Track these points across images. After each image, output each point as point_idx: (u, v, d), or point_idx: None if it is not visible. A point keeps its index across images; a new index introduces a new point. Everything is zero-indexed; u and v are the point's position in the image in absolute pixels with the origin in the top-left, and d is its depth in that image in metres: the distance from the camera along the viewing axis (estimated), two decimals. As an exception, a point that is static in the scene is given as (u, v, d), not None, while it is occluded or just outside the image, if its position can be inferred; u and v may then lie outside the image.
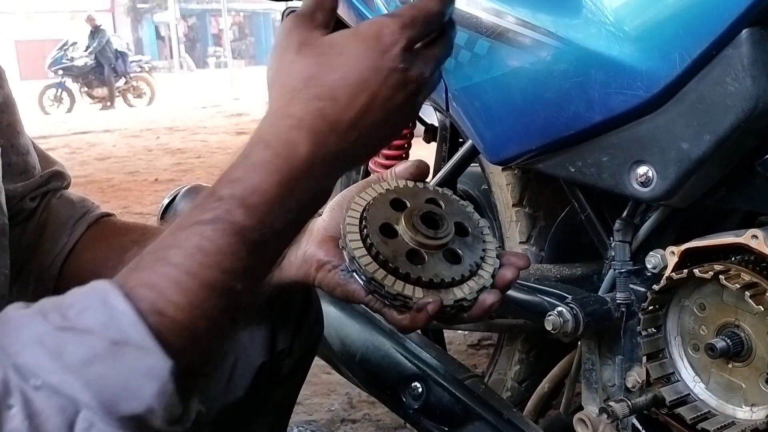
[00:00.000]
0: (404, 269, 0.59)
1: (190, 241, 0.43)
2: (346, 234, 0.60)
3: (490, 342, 1.93)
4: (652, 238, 0.83)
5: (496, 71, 0.83)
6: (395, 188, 0.65)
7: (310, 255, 0.65)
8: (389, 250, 0.59)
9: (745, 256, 0.73)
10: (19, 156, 0.71)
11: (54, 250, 0.71)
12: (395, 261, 0.59)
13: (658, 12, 0.68)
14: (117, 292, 0.41)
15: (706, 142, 0.66)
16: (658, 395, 0.79)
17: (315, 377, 1.75)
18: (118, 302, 0.40)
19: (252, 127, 4.85)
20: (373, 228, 0.60)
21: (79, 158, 5.77)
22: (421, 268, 0.60)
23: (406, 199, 0.64)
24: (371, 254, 0.59)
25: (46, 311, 0.41)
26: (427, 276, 0.59)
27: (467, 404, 0.91)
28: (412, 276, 0.59)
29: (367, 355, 0.99)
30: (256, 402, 0.78)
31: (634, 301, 0.84)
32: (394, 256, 0.59)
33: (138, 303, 0.40)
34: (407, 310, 0.60)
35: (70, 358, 0.38)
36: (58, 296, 0.43)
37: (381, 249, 0.59)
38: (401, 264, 0.59)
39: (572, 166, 0.80)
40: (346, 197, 0.67)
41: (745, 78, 0.63)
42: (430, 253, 0.61)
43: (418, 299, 0.59)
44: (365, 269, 0.58)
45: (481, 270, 0.62)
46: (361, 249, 0.59)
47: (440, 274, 0.60)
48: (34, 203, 0.72)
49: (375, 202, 0.62)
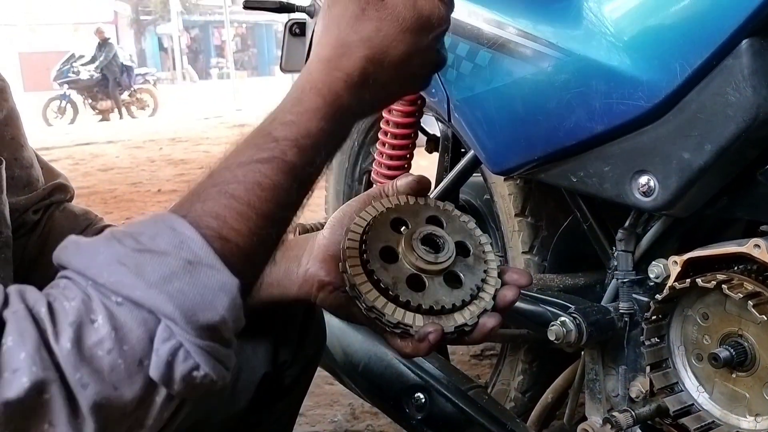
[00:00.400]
0: (404, 297, 0.58)
1: (249, 177, 0.49)
2: (347, 259, 0.59)
3: (493, 352, 1.92)
4: (654, 248, 0.83)
5: (498, 82, 0.84)
6: (396, 206, 0.64)
7: (312, 275, 0.65)
8: (389, 276, 0.59)
9: (748, 266, 0.73)
10: (22, 169, 0.71)
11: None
12: (395, 288, 0.59)
13: (659, 23, 0.69)
14: (183, 221, 0.46)
15: (708, 151, 0.67)
16: (662, 405, 0.79)
17: (318, 388, 1.75)
18: (185, 228, 0.45)
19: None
20: (374, 253, 0.60)
21: (82, 169, 5.79)
22: (422, 294, 0.59)
23: (406, 218, 0.63)
24: (371, 281, 0.59)
25: (119, 237, 0.45)
26: (428, 303, 0.59)
27: (470, 415, 0.91)
28: (412, 304, 0.58)
29: (370, 366, 0.99)
30: (260, 413, 0.78)
31: (637, 310, 0.84)
32: (395, 283, 0.59)
33: (204, 230, 0.45)
34: (408, 337, 0.59)
35: (151, 276, 0.43)
36: (125, 226, 0.48)
37: (381, 276, 0.59)
38: (401, 291, 0.59)
39: (574, 176, 0.80)
40: (347, 213, 0.66)
41: (746, 88, 0.63)
42: (431, 278, 0.60)
43: (419, 327, 0.58)
44: (365, 297, 0.58)
45: (482, 292, 0.61)
46: (361, 276, 0.59)
47: (440, 300, 0.59)
48: (37, 216, 0.72)
49: (375, 224, 0.62)
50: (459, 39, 0.88)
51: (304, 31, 1.75)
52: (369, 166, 1.58)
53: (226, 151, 0.53)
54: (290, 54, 1.82)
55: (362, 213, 0.63)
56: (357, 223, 0.62)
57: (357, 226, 0.62)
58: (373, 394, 1.05)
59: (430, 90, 0.96)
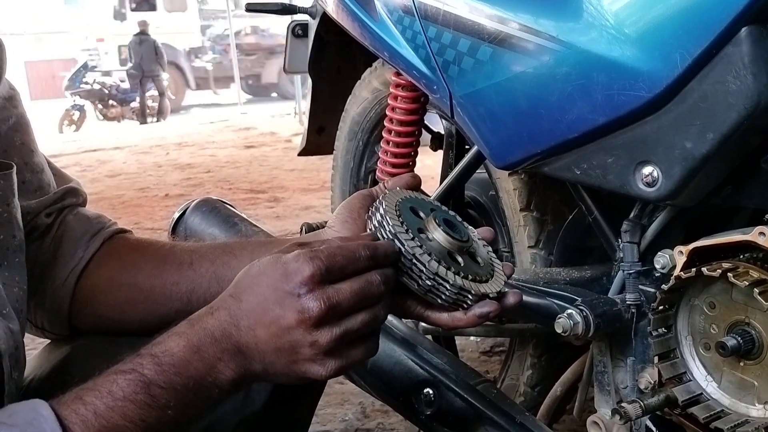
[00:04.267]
0: (455, 268, 0.61)
1: (104, 386, 0.52)
2: (397, 234, 0.61)
3: (502, 348, 1.92)
4: (660, 239, 0.83)
5: (500, 77, 0.84)
6: (404, 198, 0.67)
7: None
8: (436, 251, 0.62)
9: (754, 254, 0.73)
10: (33, 174, 0.72)
11: (69, 265, 0.72)
12: (445, 260, 0.61)
13: (658, 13, 0.69)
14: (45, 403, 0.49)
15: (710, 140, 0.67)
16: (671, 395, 0.79)
17: (328, 387, 1.75)
18: (43, 409, 0.49)
19: (260, 140, 4.88)
20: (414, 231, 0.62)
21: (90, 175, 5.82)
22: (463, 267, 0.62)
23: (417, 207, 0.66)
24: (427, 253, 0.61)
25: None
26: (469, 274, 0.62)
27: (480, 409, 0.91)
28: (461, 274, 0.61)
29: (379, 362, 0.99)
30: (274, 415, 0.78)
31: (644, 301, 0.84)
32: (442, 258, 0.61)
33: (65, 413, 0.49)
34: (456, 308, 0.62)
35: None
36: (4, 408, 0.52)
37: (431, 250, 0.61)
38: (449, 263, 0.61)
39: (578, 169, 0.80)
40: (354, 208, 0.67)
41: (746, 75, 0.63)
42: (462, 255, 0.63)
43: (476, 293, 0.61)
44: (429, 266, 0.60)
45: (496, 267, 0.66)
46: (418, 248, 0.60)
47: (476, 272, 0.63)
48: (49, 219, 0.73)
49: (401, 209, 0.64)
50: (460, 35, 0.89)
51: (307, 33, 1.76)
52: (374, 165, 1.58)
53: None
54: (293, 55, 1.83)
55: (382, 201, 0.64)
56: (388, 205, 0.63)
57: (390, 208, 0.63)
58: (383, 391, 1.05)
59: (432, 87, 0.97)
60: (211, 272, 0.71)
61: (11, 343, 0.60)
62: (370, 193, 0.70)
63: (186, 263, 0.72)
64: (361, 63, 1.62)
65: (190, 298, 0.70)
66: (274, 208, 4.11)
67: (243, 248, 0.71)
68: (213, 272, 0.70)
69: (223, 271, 0.70)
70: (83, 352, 0.72)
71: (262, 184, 4.86)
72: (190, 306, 0.69)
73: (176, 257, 0.72)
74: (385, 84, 1.44)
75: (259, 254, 0.68)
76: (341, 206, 0.68)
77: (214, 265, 0.71)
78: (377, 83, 1.51)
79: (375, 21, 1.08)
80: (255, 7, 1.76)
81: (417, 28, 0.97)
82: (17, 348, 0.62)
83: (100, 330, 0.74)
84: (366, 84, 1.56)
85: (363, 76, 1.57)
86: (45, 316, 0.74)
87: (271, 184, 4.85)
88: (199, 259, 0.72)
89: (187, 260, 0.72)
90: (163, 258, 0.73)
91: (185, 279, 0.71)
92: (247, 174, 5.38)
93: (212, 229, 0.93)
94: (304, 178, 4.94)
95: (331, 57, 1.69)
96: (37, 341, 0.78)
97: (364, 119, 1.59)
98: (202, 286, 0.70)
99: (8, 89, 0.71)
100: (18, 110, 0.71)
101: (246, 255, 0.69)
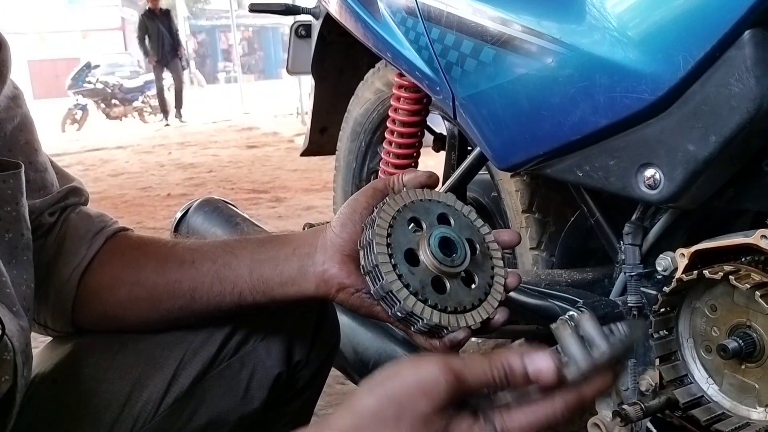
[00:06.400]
0: (433, 300, 0.61)
1: None
2: (379, 265, 0.60)
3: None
4: (661, 241, 0.83)
5: (503, 78, 0.84)
6: (409, 204, 0.65)
7: (331, 276, 0.65)
8: (417, 280, 0.61)
9: (755, 257, 0.73)
10: (37, 173, 0.72)
11: (72, 263, 0.73)
12: (424, 292, 0.61)
13: (661, 15, 0.69)
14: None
15: (712, 143, 0.67)
16: (672, 398, 0.79)
17: (329, 387, 1.75)
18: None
19: (262, 140, 4.85)
20: (399, 257, 0.61)
21: (92, 175, 5.83)
22: (446, 296, 0.62)
23: (420, 217, 0.65)
24: (404, 286, 0.60)
25: None
26: (452, 305, 0.61)
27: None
28: (440, 306, 0.61)
29: (380, 363, 0.99)
30: (274, 413, 0.78)
31: (645, 304, 0.84)
32: (422, 287, 0.61)
33: None
34: (436, 337, 0.62)
35: None
36: None
37: (410, 281, 0.60)
38: (430, 295, 0.61)
39: (580, 171, 0.80)
40: (356, 209, 0.66)
41: (749, 79, 0.63)
42: (450, 280, 0.62)
43: (454, 328, 0.61)
44: (404, 304, 0.60)
45: (493, 288, 0.64)
46: (396, 282, 0.60)
47: (462, 301, 0.62)
48: (53, 218, 0.73)
49: (395, 225, 0.63)
50: (463, 36, 0.89)
51: (310, 33, 1.76)
52: (376, 166, 1.58)
53: None
54: (296, 56, 1.84)
55: (380, 213, 0.63)
56: (380, 225, 0.62)
57: (380, 228, 0.62)
58: (384, 392, 1.05)
59: (435, 88, 0.97)
60: (213, 272, 0.71)
61: (22, 341, 0.60)
62: (383, 187, 0.67)
63: (188, 261, 0.72)
64: (363, 64, 1.62)
65: (193, 296, 0.70)
66: (276, 208, 4.11)
67: (243, 247, 0.72)
68: (215, 272, 0.71)
69: (225, 271, 0.70)
70: (86, 350, 0.72)
71: (264, 184, 4.87)
72: (193, 303, 0.70)
73: (178, 256, 0.72)
74: (388, 85, 1.44)
75: (259, 253, 0.69)
76: (345, 204, 0.68)
77: (216, 265, 0.71)
78: (380, 84, 1.52)
79: (378, 22, 1.09)
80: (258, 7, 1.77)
81: (420, 30, 0.97)
82: (27, 345, 0.62)
83: (103, 327, 0.74)
84: (369, 85, 1.56)
85: (366, 76, 1.58)
86: (48, 313, 0.74)
87: (274, 184, 4.85)
88: (201, 258, 0.72)
89: (188, 259, 0.72)
90: (165, 256, 0.73)
91: (187, 277, 0.71)
92: (249, 174, 5.39)
93: (214, 229, 0.93)
94: (306, 178, 4.95)
95: (334, 58, 1.70)
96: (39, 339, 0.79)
97: (367, 120, 1.59)
98: (204, 285, 0.70)
99: (12, 89, 0.71)
100: (22, 109, 0.72)
101: (246, 254, 0.70)
